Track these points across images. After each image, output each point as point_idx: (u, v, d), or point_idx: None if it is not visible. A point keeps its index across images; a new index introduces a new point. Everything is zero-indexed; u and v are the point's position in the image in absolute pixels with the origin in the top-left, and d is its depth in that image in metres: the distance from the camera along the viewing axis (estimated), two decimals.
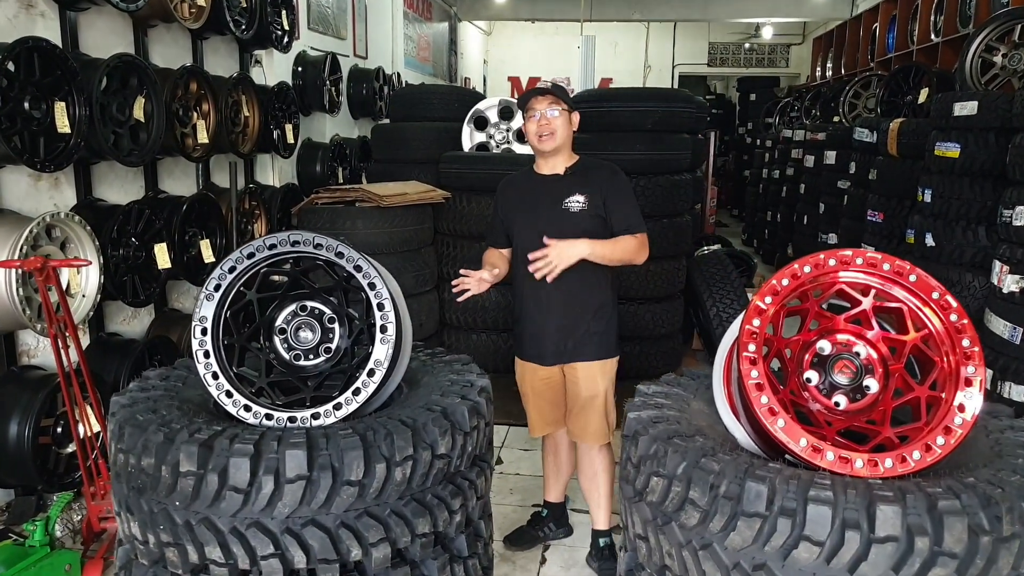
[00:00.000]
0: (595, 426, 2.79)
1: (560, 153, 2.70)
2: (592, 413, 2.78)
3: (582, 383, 2.77)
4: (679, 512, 1.47)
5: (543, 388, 2.87)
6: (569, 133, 2.70)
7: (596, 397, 2.77)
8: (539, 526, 3.11)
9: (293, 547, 1.56)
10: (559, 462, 3.07)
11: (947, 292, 1.50)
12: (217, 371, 1.78)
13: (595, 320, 2.74)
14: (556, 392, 2.87)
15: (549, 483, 3.12)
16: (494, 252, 2.84)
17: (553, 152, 2.68)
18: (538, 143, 2.66)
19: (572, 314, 2.72)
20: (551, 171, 2.73)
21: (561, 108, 2.64)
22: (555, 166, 2.73)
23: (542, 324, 2.75)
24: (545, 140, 2.64)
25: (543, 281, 2.57)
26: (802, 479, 1.37)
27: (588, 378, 2.77)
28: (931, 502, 1.29)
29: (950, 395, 1.46)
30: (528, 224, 2.70)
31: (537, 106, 2.64)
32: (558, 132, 2.64)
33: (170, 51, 4.34)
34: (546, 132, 2.63)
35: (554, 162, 2.72)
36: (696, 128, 5.47)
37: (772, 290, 1.57)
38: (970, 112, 4.07)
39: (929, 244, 4.33)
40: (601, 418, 2.79)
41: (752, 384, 1.51)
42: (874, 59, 8.90)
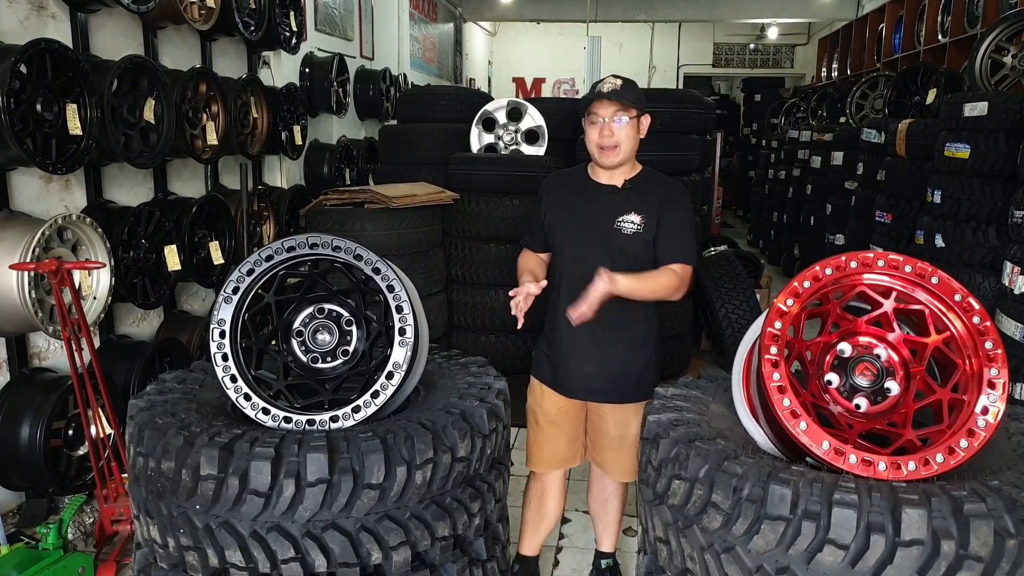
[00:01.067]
0: (625, 465, 2.50)
1: (625, 164, 2.36)
2: (621, 452, 2.49)
3: (611, 423, 2.47)
4: (701, 515, 1.47)
5: (560, 418, 2.51)
6: (636, 144, 2.33)
7: (627, 438, 2.46)
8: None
9: (314, 551, 1.56)
10: (544, 510, 2.66)
11: (969, 294, 1.50)
12: (235, 374, 1.78)
13: (635, 358, 2.41)
14: (576, 425, 2.54)
15: (526, 533, 2.70)
16: (532, 257, 2.52)
17: (616, 166, 2.34)
18: (599, 156, 2.31)
19: (609, 350, 2.40)
20: (608, 181, 2.38)
21: (630, 116, 2.26)
22: (613, 176, 2.37)
23: (572, 355, 2.42)
24: (608, 154, 2.28)
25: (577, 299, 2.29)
26: (826, 482, 1.36)
27: (620, 420, 2.46)
28: (956, 505, 1.29)
29: (973, 398, 1.46)
30: (575, 239, 2.38)
31: (601, 112, 2.26)
32: (623, 145, 2.27)
33: (179, 52, 4.35)
34: (609, 144, 2.26)
35: (613, 172, 2.37)
36: (705, 129, 5.47)
37: (794, 292, 1.57)
38: (980, 113, 4.07)
39: (939, 245, 4.32)
40: (632, 458, 2.45)
41: (774, 387, 1.50)
42: (880, 60, 8.88)
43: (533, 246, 2.54)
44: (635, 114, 2.28)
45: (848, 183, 6.80)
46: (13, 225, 2.93)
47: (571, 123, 5.34)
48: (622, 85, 2.27)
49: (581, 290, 2.22)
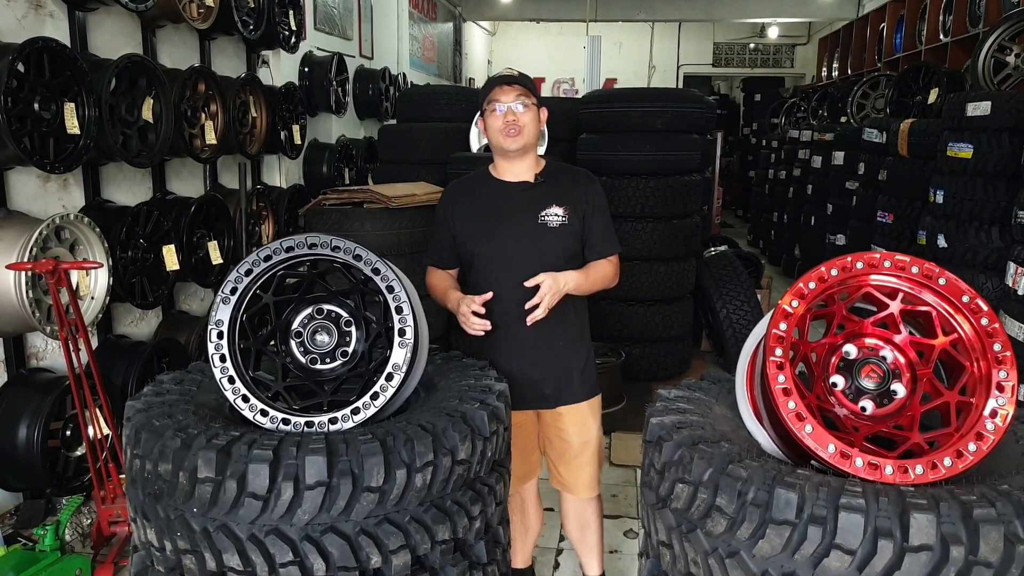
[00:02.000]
0: (588, 477, 2.47)
1: (527, 155, 2.32)
2: (586, 463, 2.45)
3: (572, 429, 2.41)
4: (705, 519, 1.45)
5: (515, 437, 2.31)
6: (538, 132, 2.32)
7: (589, 443, 2.43)
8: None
9: (312, 554, 1.53)
10: (527, 520, 2.62)
11: (978, 296, 1.48)
12: (233, 375, 1.76)
13: (575, 355, 2.38)
14: (528, 439, 2.46)
15: (516, 546, 2.62)
16: (443, 275, 2.43)
17: (519, 153, 2.29)
18: (503, 141, 2.26)
19: (550, 352, 2.35)
20: (517, 178, 2.33)
21: (530, 102, 2.26)
22: (521, 172, 2.33)
23: (516, 365, 2.32)
24: (512, 138, 2.25)
25: (512, 310, 2.25)
26: (832, 486, 1.34)
27: (579, 423, 2.41)
28: (966, 510, 1.27)
29: (981, 400, 1.44)
30: (498, 244, 2.28)
31: (502, 98, 2.25)
32: (526, 129, 2.25)
33: (178, 51, 4.33)
34: (515, 128, 2.24)
35: (520, 167, 2.33)
36: (705, 128, 5.46)
37: (799, 293, 1.55)
38: (983, 112, 4.05)
39: (941, 245, 4.30)
40: (594, 467, 2.47)
41: (779, 389, 1.48)
42: (881, 59, 8.87)
43: (441, 263, 2.45)
44: (534, 102, 2.29)
45: (849, 183, 6.78)
46: (10, 224, 2.91)
47: (571, 123, 5.32)
48: (520, 75, 2.31)
49: (515, 297, 2.23)
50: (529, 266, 2.22)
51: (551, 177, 2.35)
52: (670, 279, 4.83)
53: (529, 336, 2.29)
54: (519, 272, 2.22)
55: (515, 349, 2.33)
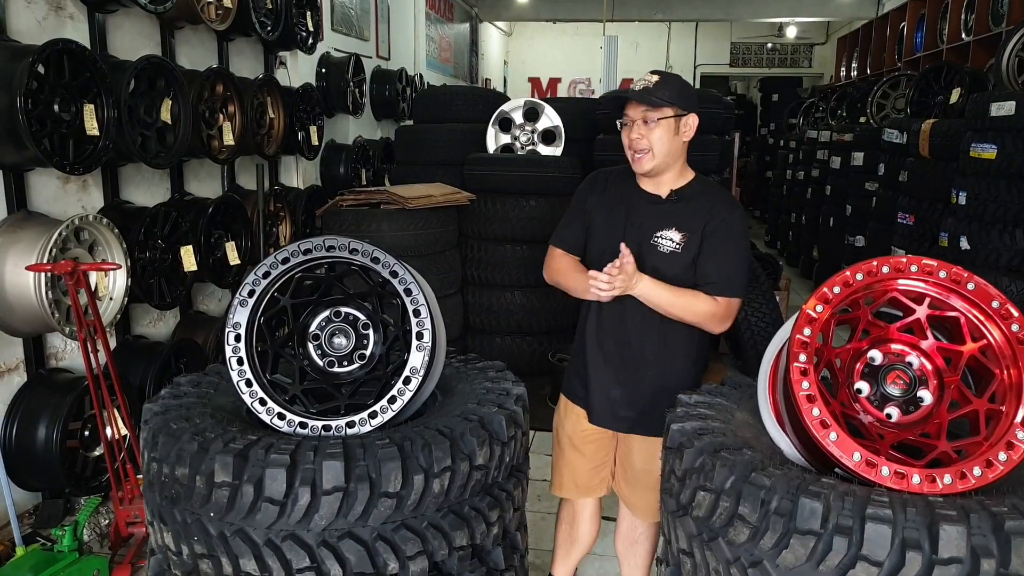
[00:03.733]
0: (646, 501, 2.30)
1: (666, 171, 2.13)
2: (646, 489, 2.28)
3: (637, 456, 2.28)
4: (727, 528, 1.42)
5: (583, 443, 2.34)
6: (677, 146, 2.10)
7: (652, 473, 2.17)
8: None
9: (329, 560, 1.52)
10: (576, 534, 2.50)
11: (1008, 301, 1.45)
12: (251, 378, 1.75)
13: (667, 387, 2.15)
14: (601, 453, 2.35)
15: (558, 555, 2.54)
16: (569, 260, 2.27)
17: (653, 172, 2.12)
18: (632, 162, 2.12)
19: (636, 375, 2.21)
20: (653, 189, 2.17)
21: (661, 116, 2.05)
22: (659, 185, 2.16)
23: (597, 376, 2.25)
24: (639, 160, 2.09)
25: (614, 322, 2.17)
26: (858, 495, 1.32)
27: (647, 454, 2.24)
28: (996, 522, 1.24)
29: (1012, 408, 1.40)
30: (606, 248, 2.15)
31: (630, 113, 2.09)
32: (656, 148, 2.06)
33: (196, 52, 4.35)
34: (640, 148, 2.07)
35: (658, 180, 2.16)
36: (723, 129, 5.41)
37: (823, 298, 1.52)
38: (1008, 112, 3.99)
39: (964, 247, 4.24)
40: (655, 494, 2.11)
41: (803, 395, 1.46)
42: (901, 59, 8.77)
43: (570, 247, 2.29)
44: (669, 114, 2.05)
45: (869, 184, 6.71)
46: (30, 226, 2.93)
47: (588, 123, 5.29)
48: (656, 83, 2.07)
49: (611, 305, 2.13)
50: (646, 268, 2.07)
51: (685, 198, 2.15)
52: None
53: (629, 347, 2.19)
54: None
55: (602, 361, 2.24)
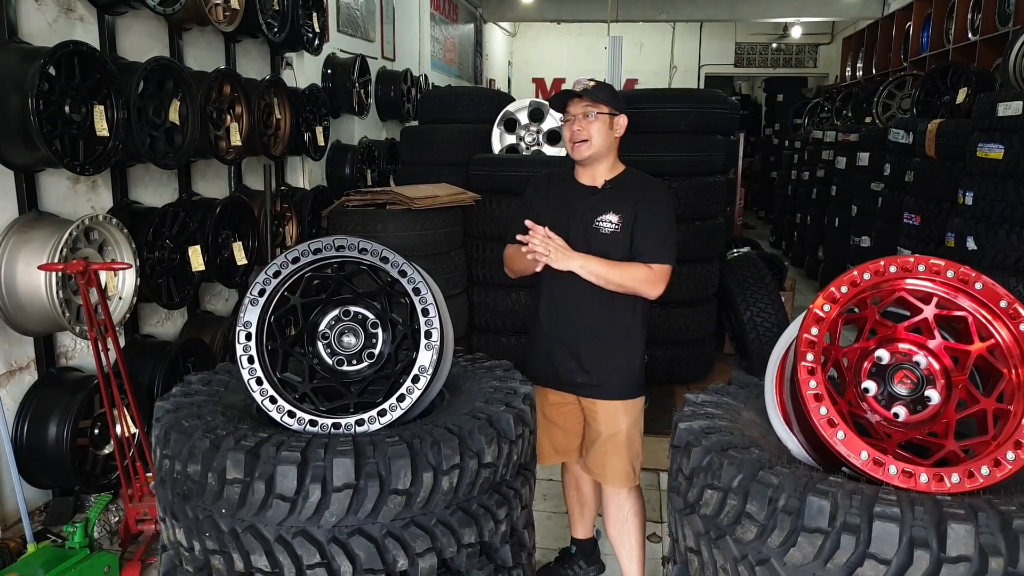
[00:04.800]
0: (615, 467, 2.53)
1: (599, 162, 2.43)
2: (612, 453, 2.52)
3: (601, 419, 2.52)
4: (735, 526, 1.43)
5: (554, 414, 2.62)
6: (611, 140, 2.41)
7: (617, 435, 2.50)
8: (568, 565, 2.85)
9: (339, 556, 1.54)
10: (583, 496, 2.79)
11: (1016, 301, 1.45)
12: (261, 376, 1.76)
13: (617, 355, 2.47)
14: (570, 420, 2.62)
15: (574, 519, 2.85)
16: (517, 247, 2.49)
17: (589, 161, 2.42)
18: (571, 151, 2.42)
19: (589, 346, 2.47)
20: (590, 182, 2.47)
21: (598, 111, 2.35)
22: (594, 177, 2.46)
23: (557, 349, 2.51)
24: (578, 148, 2.39)
25: (563, 299, 2.44)
26: (866, 494, 1.32)
27: (608, 417, 2.51)
28: (1005, 520, 1.24)
29: (1020, 408, 1.41)
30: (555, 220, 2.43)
31: (572, 109, 2.39)
32: (594, 139, 2.36)
33: (204, 54, 4.38)
34: (579, 139, 2.37)
35: (593, 172, 2.46)
36: (728, 129, 5.41)
37: (831, 297, 1.53)
38: (1015, 112, 3.98)
39: (971, 248, 4.23)
40: (623, 459, 2.52)
41: (810, 394, 1.46)
42: (907, 59, 8.75)
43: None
44: (606, 111, 2.37)
45: (874, 184, 6.70)
46: (41, 226, 2.95)
47: None
48: (594, 86, 2.39)
49: (562, 288, 2.45)
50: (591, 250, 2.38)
51: (618, 186, 2.45)
52: (693, 281, 4.79)
53: (574, 326, 2.47)
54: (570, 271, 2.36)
55: (561, 335, 2.50)
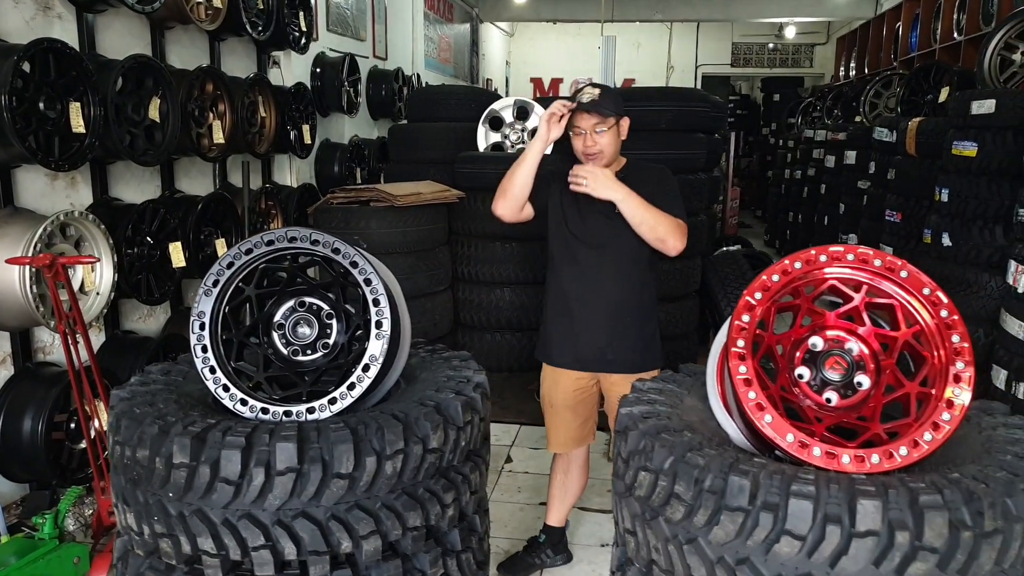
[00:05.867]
0: None
1: (611, 164, 2.56)
2: None
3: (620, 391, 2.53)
4: (665, 507, 1.47)
5: (575, 401, 2.71)
6: (618, 146, 2.54)
7: None
8: (536, 553, 2.91)
9: (284, 539, 1.58)
10: (568, 482, 2.88)
11: (938, 288, 1.49)
12: (215, 365, 1.80)
13: (642, 329, 2.63)
14: (589, 406, 2.75)
15: (553, 504, 2.91)
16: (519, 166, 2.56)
17: None
18: (585, 161, 2.53)
19: (620, 322, 2.59)
20: None
21: (609, 126, 2.47)
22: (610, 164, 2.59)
23: (586, 329, 2.60)
24: (593, 159, 2.50)
25: (593, 270, 2.56)
26: (786, 474, 1.36)
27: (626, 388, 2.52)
28: (912, 497, 1.28)
29: (939, 391, 1.45)
30: (566, 224, 2.60)
31: (582, 124, 2.48)
32: (605, 151, 2.49)
33: (187, 52, 4.42)
34: (592, 152, 2.49)
35: None
36: (712, 127, 5.44)
37: (763, 286, 1.57)
38: (988, 111, 4.01)
39: (946, 244, 4.26)
40: None
41: (740, 379, 1.50)
42: (897, 58, 8.78)
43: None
44: (613, 122, 2.49)
45: (861, 182, 6.73)
46: (17, 221, 3.00)
47: None
48: (600, 95, 2.46)
49: (584, 273, 2.58)
50: (606, 237, 2.54)
51: (626, 177, 2.51)
52: (675, 278, 4.83)
53: (601, 303, 2.59)
54: (597, 241, 2.55)
55: (588, 315, 2.61)
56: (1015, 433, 1.56)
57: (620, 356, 2.61)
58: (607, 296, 2.57)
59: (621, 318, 2.59)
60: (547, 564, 2.92)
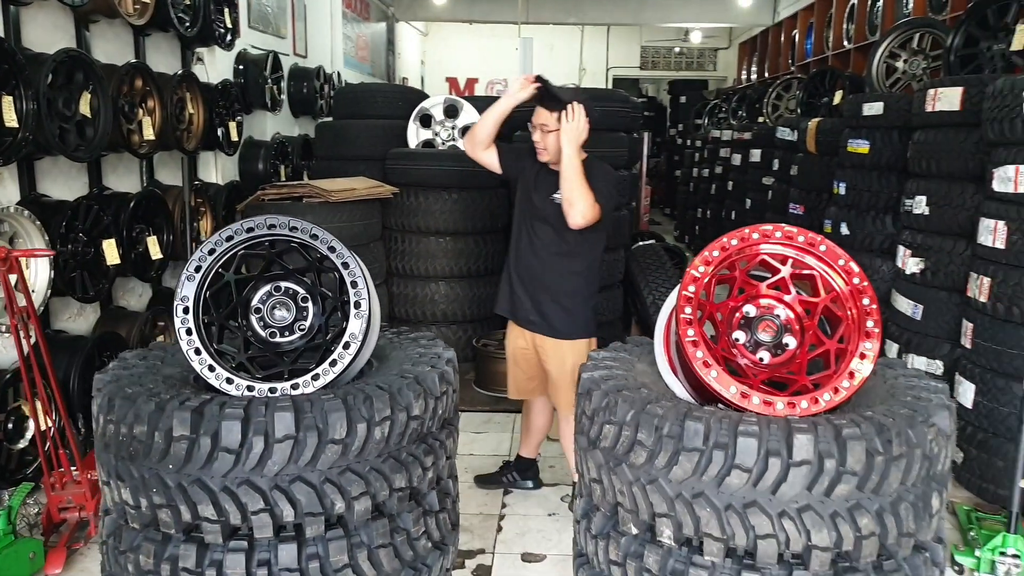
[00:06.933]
0: (563, 399, 3.08)
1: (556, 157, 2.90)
2: (560, 387, 3.08)
3: (550, 358, 3.06)
4: (629, 454, 1.68)
5: (519, 356, 3.19)
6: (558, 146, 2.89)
7: (563, 374, 3.04)
8: (504, 472, 3.49)
9: (282, 502, 1.70)
10: (530, 424, 3.44)
11: (851, 259, 1.76)
12: (199, 347, 1.90)
13: (568, 297, 3.00)
14: (531, 365, 3.17)
15: (523, 438, 3.51)
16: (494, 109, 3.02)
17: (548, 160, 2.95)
18: (537, 154, 2.97)
19: (545, 284, 2.99)
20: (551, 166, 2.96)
21: (552, 128, 2.85)
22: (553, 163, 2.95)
23: (518, 285, 3.06)
24: (540, 154, 2.96)
25: (538, 246, 2.96)
26: (732, 418, 1.60)
27: (556, 355, 3.04)
28: (837, 431, 1.54)
29: (853, 347, 1.71)
30: (525, 199, 3.05)
31: (536, 120, 2.93)
32: (550, 148, 2.91)
33: (112, 47, 4.35)
34: (540, 147, 2.95)
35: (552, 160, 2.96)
36: (631, 127, 5.74)
37: (705, 260, 1.80)
38: (877, 112, 4.45)
39: (844, 233, 4.69)
40: (570, 392, 2.96)
41: (689, 341, 1.73)
42: (794, 63, 9.41)
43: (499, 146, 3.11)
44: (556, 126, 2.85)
45: (765, 179, 7.20)
46: None
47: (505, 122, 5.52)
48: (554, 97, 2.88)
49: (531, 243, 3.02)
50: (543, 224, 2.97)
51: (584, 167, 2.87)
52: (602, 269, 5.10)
53: (534, 272, 3.01)
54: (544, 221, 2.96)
55: (524, 278, 3.05)
56: (912, 381, 1.86)
57: (544, 321, 3.02)
58: (542, 266, 2.99)
59: (547, 288, 3.00)
60: (515, 484, 3.48)
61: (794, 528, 1.56)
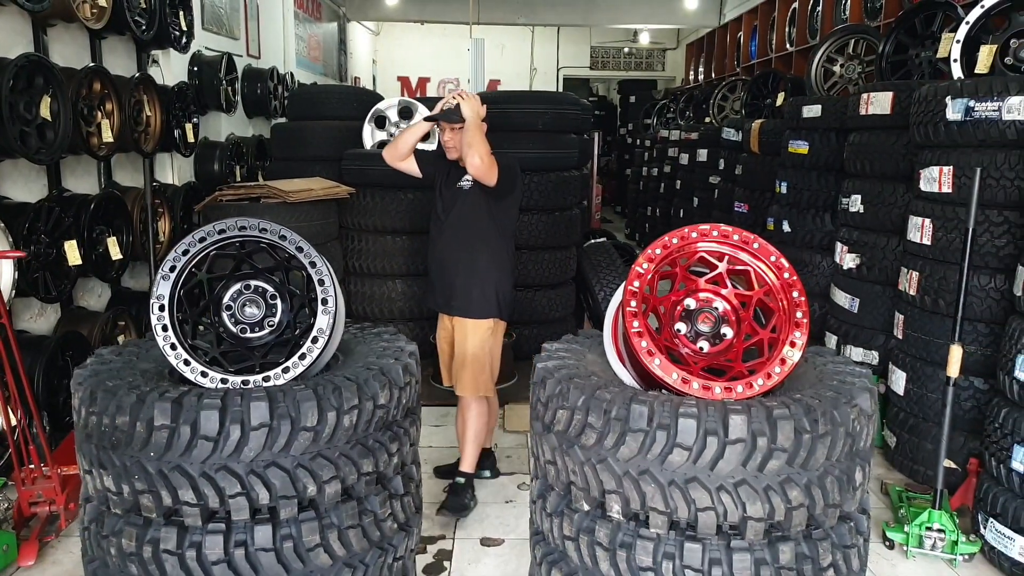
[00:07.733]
0: (462, 378, 3.34)
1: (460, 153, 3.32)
2: (462, 367, 3.33)
3: (457, 334, 3.35)
4: (580, 436, 1.83)
5: (444, 342, 3.46)
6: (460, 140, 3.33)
7: (465, 354, 3.30)
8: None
9: (258, 486, 1.81)
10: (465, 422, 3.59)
11: (782, 255, 1.94)
12: (175, 342, 1.99)
13: (473, 278, 3.26)
14: (452, 348, 3.40)
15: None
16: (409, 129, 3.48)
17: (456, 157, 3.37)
18: (447, 152, 3.41)
19: (455, 266, 3.28)
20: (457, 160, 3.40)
21: (458, 127, 3.28)
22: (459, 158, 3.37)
23: (435, 272, 3.37)
24: (449, 152, 3.39)
25: (447, 232, 3.30)
26: (674, 401, 1.76)
27: (460, 333, 3.33)
28: (768, 412, 1.71)
29: (785, 336, 1.89)
30: (439, 194, 3.41)
31: (444, 126, 3.37)
32: (457, 145, 3.32)
33: (69, 50, 4.36)
34: (448, 146, 3.37)
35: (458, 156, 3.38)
36: (582, 128, 5.92)
37: (648, 258, 1.96)
38: (815, 114, 4.70)
39: (786, 230, 4.93)
40: (468, 371, 3.31)
41: (634, 332, 1.89)
42: (739, 64, 9.73)
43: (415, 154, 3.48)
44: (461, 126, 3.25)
45: (712, 178, 7.46)
46: None
47: None
48: (455, 107, 3.25)
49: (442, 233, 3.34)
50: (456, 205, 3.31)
51: None
52: (553, 266, 5.27)
53: (444, 257, 3.33)
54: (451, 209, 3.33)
55: (438, 264, 3.38)
56: (839, 367, 2.06)
57: (453, 301, 3.31)
58: (450, 249, 3.31)
59: (457, 270, 3.29)
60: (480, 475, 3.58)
61: (731, 501, 1.73)
